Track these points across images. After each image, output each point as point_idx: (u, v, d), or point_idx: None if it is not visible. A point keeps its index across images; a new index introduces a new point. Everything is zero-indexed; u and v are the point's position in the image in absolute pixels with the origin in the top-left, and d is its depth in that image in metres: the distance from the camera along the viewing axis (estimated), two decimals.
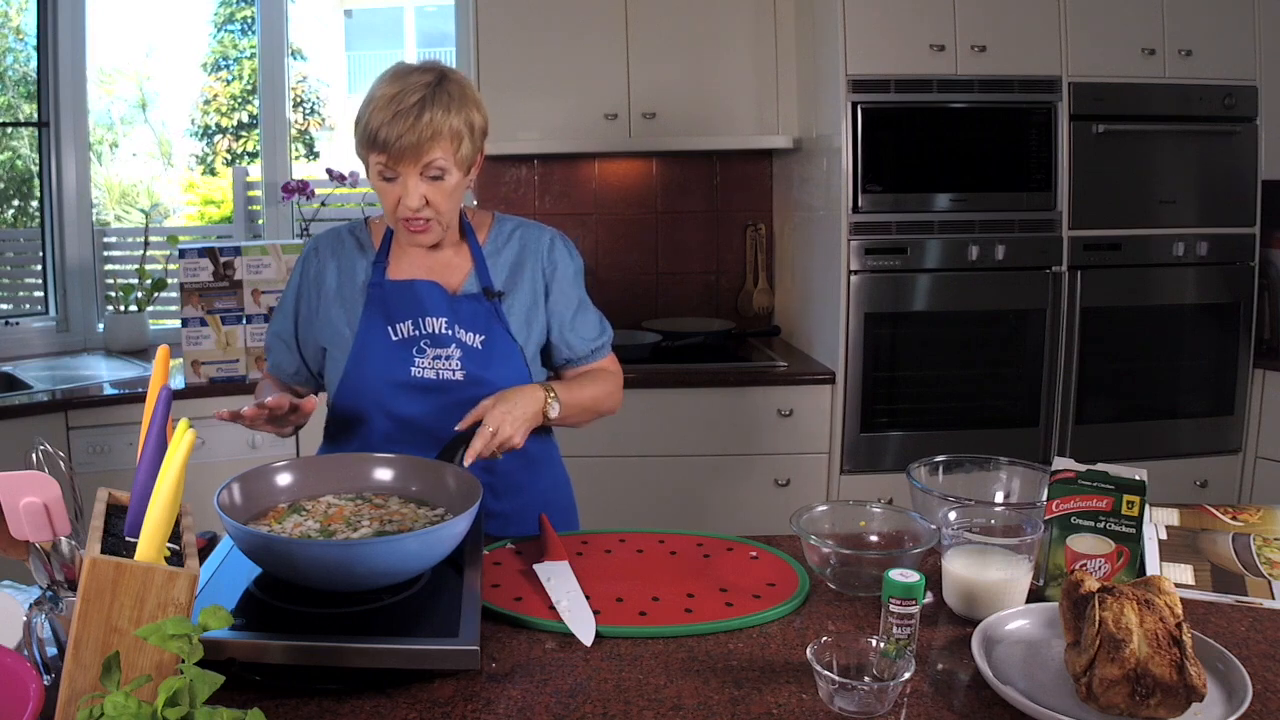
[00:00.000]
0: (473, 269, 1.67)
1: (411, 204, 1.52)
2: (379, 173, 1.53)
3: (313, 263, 1.70)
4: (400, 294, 1.63)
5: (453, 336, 1.61)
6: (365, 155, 1.54)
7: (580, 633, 1.22)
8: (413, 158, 1.49)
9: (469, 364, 1.61)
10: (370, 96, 1.51)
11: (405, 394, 1.61)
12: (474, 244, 1.68)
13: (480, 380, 1.61)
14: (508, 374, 1.63)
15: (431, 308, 1.62)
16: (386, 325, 1.61)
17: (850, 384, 3.00)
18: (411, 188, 1.51)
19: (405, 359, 1.61)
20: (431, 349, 1.61)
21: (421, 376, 1.61)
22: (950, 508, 1.39)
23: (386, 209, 1.57)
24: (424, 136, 1.47)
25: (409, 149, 1.48)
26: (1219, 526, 1.53)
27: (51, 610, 1.10)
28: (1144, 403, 3.14)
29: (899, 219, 2.96)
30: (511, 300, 1.67)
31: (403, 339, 1.61)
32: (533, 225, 1.75)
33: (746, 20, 3.26)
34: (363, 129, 1.51)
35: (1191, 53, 2.99)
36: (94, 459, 2.70)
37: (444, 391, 1.61)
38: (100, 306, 3.49)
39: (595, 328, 1.75)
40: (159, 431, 1.03)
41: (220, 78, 6.46)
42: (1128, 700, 1.01)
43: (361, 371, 1.62)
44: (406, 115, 1.47)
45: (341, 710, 1.06)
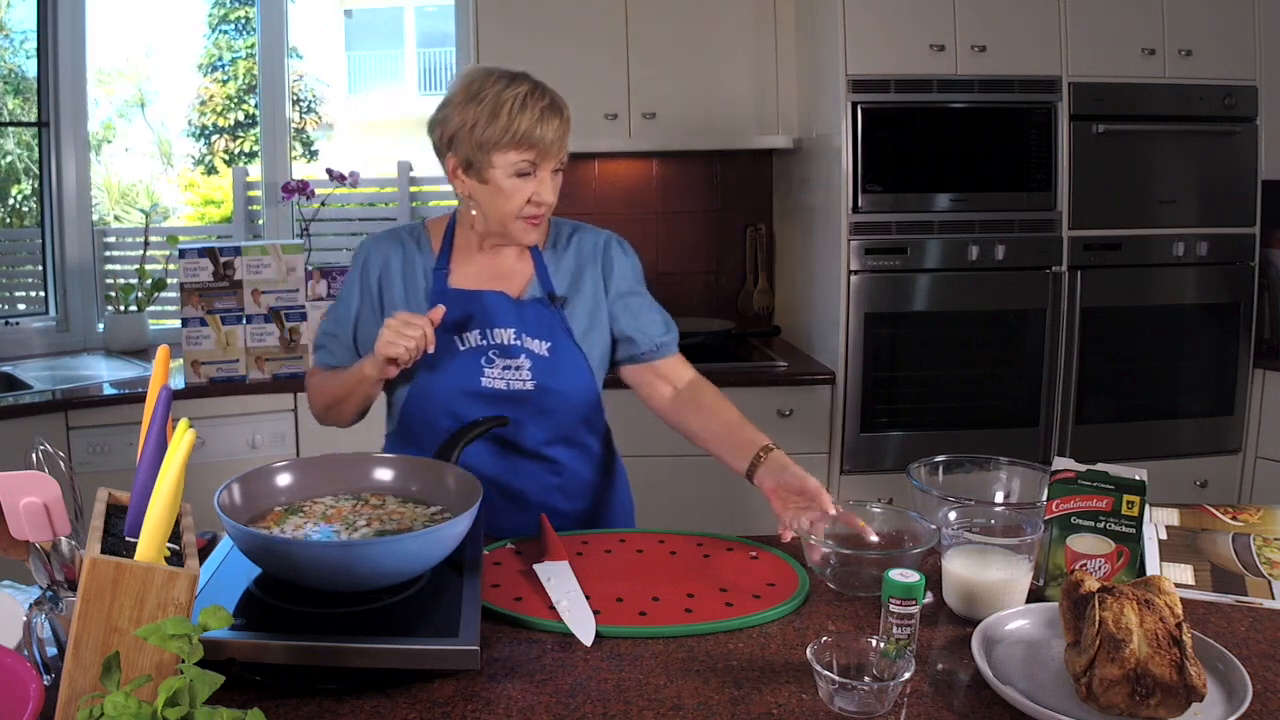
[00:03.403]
0: (534, 274, 1.68)
1: (550, 198, 1.59)
2: (517, 170, 1.55)
3: (374, 264, 1.69)
4: (467, 303, 1.64)
5: (521, 347, 1.63)
6: (490, 156, 1.55)
7: (580, 633, 1.22)
8: (555, 154, 1.57)
9: (538, 374, 1.63)
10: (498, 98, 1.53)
11: (476, 403, 1.62)
12: (534, 249, 1.69)
13: (549, 389, 1.63)
14: (575, 382, 1.65)
15: (499, 318, 1.63)
16: (454, 335, 1.62)
17: (850, 384, 3.00)
18: (549, 182, 1.58)
19: (475, 369, 1.62)
20: (500, 359, 1.62)
21: (492, 387, 1.62)
22: (950, 508, 1.39)
23: (510, 208, 1.58)
24: (564, 133, 1.57)
25: (554, 145, 1.55)
26: (1219, 526, 1.53)
27: (51, 610, 1.10)
28: (1144, 403, 3.14)
29: (899, 219, 2.96)
30: (574, 306, 1.68)
31: (470, 348, 1.62)
32: (588, 228, 1.76)
33: (746, 20, 3.26)
34: (490, 130, 1.53)
35: (1191, 53, 2.99)
36: (94, 459, 2.70)
37: (514, 401, 1.62)
38: (100, 306, 3.49)
39: (660, 324, 1.75)
40: (159, 431, 1.02)
41: (215, 78, 6.46)
42: (1128, 700, 1.01)
43: (432, 380, 1.63)
44: (551, 114, 1.55)
45: (341, 710, 1.05)
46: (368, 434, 2.90)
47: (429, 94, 7.85)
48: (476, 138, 1.54)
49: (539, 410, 1.63)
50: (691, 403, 1.71)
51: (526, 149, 1.54)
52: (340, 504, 1.36)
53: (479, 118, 1.54)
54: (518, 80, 1.55)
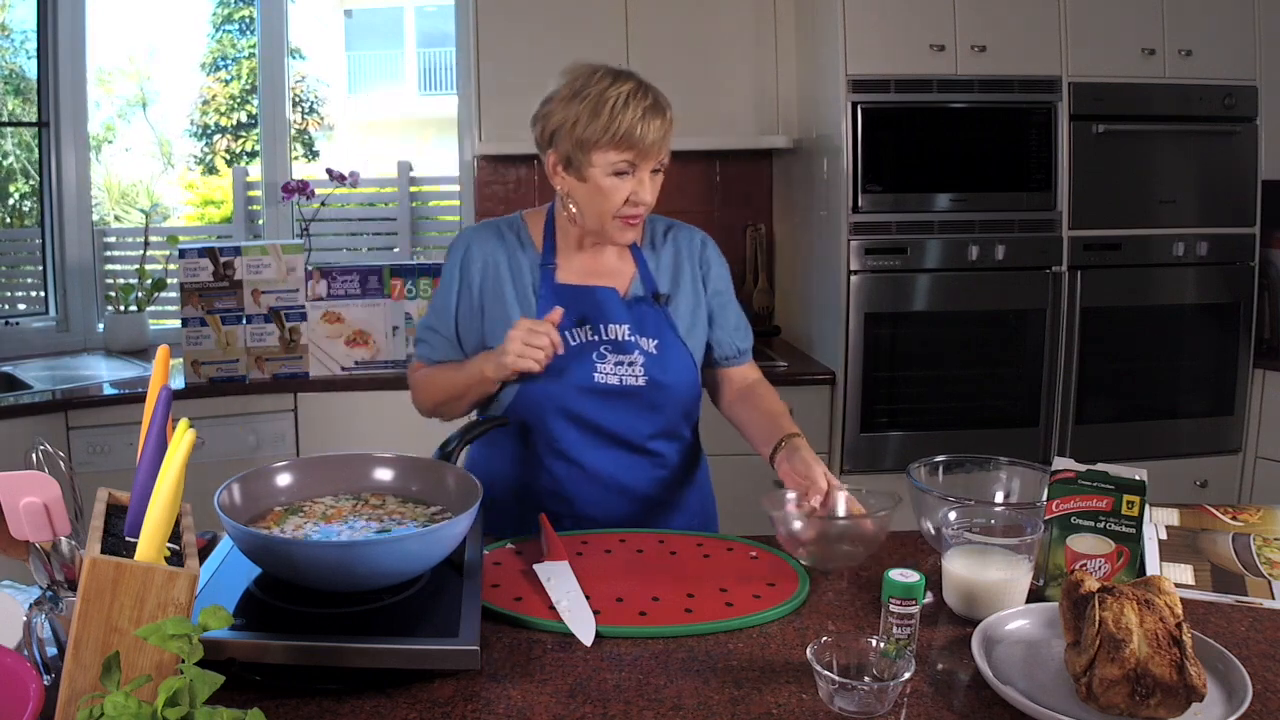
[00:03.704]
0: (636, 272, 1.69)
1: (649, 198, 1.57)
2: (615, 170, 1.54)
3: (475, 257, 1.68)
4: (578, 299, 1.64)
5: (635, 343, 1.63)
6: (589, 154, 1.54)
7: (580, 633, 1.22)
8: (655, 153, 1.55)
9: (650, 370, 1.63)
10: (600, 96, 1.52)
11: (588, 399, 1.62)
12: (634, 246, 1.69)
13: (660, 385, 1.64)
14: (682, 379, 1.67)
15: (612, 314, 1.64)
16: (565, 331, 1.60)
17: (850, 384, 3.00)
18: (649, 182, 1.57)
19: (587, 365, 1.62)
20: (613, 355, 1.62)
21: (605, 382, 1.62)
22: (950, 508, 1.39)
23: (607, 207, 1.57)
24: (667, 133, 1.55)
25: (654, 145, 1.54)
26: (1219, 526, 1.53)
27: (51, 610, 1.10)
28: (1144, 403, 3.14)
29: (899, 219, 2.96)
30: (677, 303, 1.69)
31: (581, 344, 1.62)
32: (682, 226, 1.77)
33: (746, 20, 3.26)
34: (588, 128, 1.52)
35: (1191, 53, 2.99)
36: (94, 459, 2.70)
37: (626, 397, 1.63)
38: (100, 306, 3.49)
39: (745, 332, 1.78)
40: (159, 431, 1.02)
41: (219, 78, 6.46)
42: (1128, 700, 1.01)
43: (551, 375, 1.59)
44: (653, 114, 1.53)
45: (341, 710, 1.06)
46: (369, 434, 2.92)
47: (429, 94, 7.85)
48: (577, 135, 1.53)
49: (649, 406, 1.64)
50: (748, 399, 1.75)
51: (626, 148, 1.53)
52: (340, 504, 1.36)
53: (580, 115, 1.53)
54: (622, 78, 1.54)
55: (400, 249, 3.72)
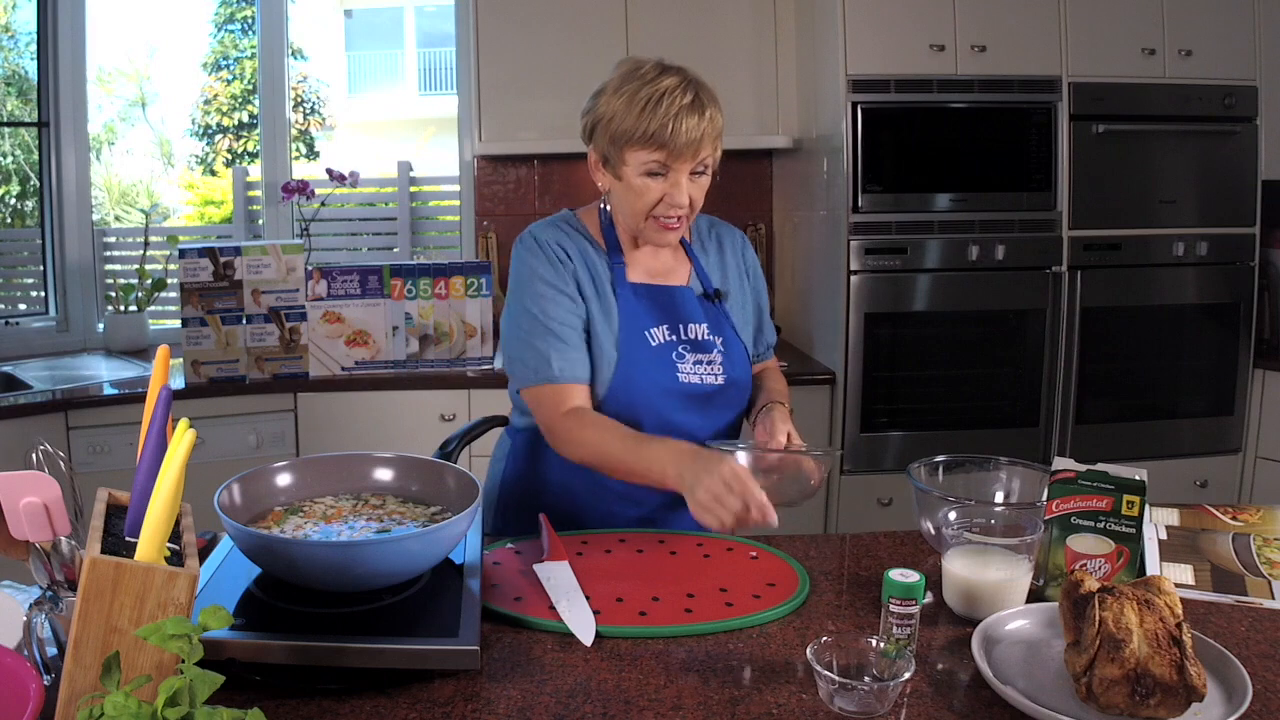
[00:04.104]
0: (691, 270, 1.68)
1: (683, 201, 1.52)
2: (648, 170, 1.51)
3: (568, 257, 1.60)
4: (654, 297, 1.61)
5: (713, 342, 1.63)
6: (622, 153, 1.52)
7: (580, 633, 1.22)
8: (691, 154, 1.49)
9: (729, 368, 1.63)
10: (637, 92, 1.48)
11: (674, 401, 1.60)
12: (685, 243, 1.69)
13: (734, 382, 1.64)
14: (744, 375, 1.68)
15: (692, 313, 1.62)
16: (643, 330, 1.59)
17: (850, 384, 3.00)
18: (684, 184, 1.52)
19: (669, 365, 1.59)
20: (692, 354, 1.60)
21: (687, 383, 1.60)
22: (950, 508, 1.39)
23: (639, 207, 1.54)
24: (706, 133, 1.49)
25: (690, 145, 1.48)
26: (1219, 526, 1.53)
27: (51, 610, 1.10)
28: (1144, 403, 3.14)
29: (899, 219, 2.96)
30: (731, 301, 1.70)
31: (661, 343, 1.60)
32: (721, 223, 1.78)
33: (746, 20, 3.26)
34: (622, 126, 1.49)
35: (1191, 53, 2.99)
36: (94, 459, 2.70)
37: (706, 397, 1.61)
38: (100, 306, 3.49)
39: (771, 328, 1.81)
40: (159, 431, 1.02)
41: (220, 77, 6.46)
42: (1128, 700, 1.01)
43: (632, 378, 1.57)
44: (689, 113, 1.47)
45: (341, 710, 1.06)
46: (369, 434, 2.92)
47: (429, 94, 7.85)
48: (612, 131, 1.51)
49: (723, 404, 1.63)
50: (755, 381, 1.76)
51: (657, 147, 1.48)
52: (340, 504, 1.36)
53: (616, 110, 1.50)
54: (666, 74, 1.50)
55: (400, 249, 3.72)
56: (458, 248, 3.70)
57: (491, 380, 2.95)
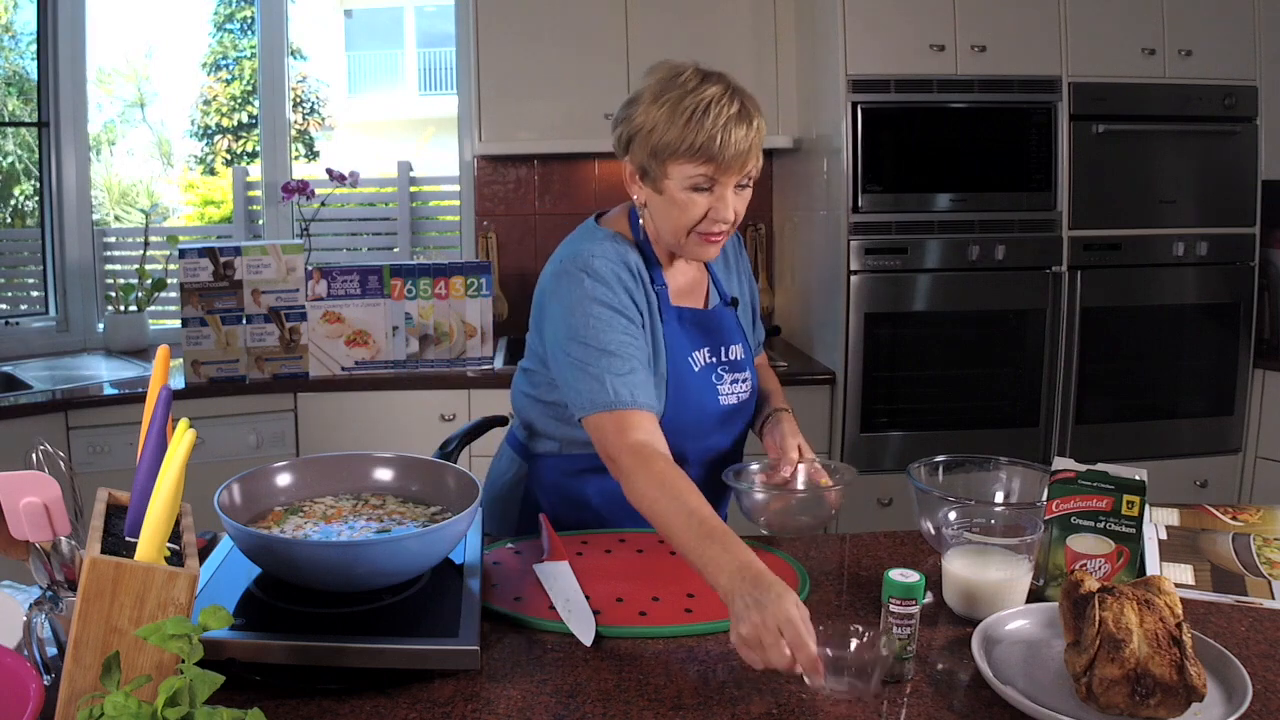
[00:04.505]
0: (709, 282, 1.67)
1: (729, 215, 1.44)
2: (693, 184, 1.42)
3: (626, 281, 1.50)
4: (698, 322, 1.59)
5: (746, 361, 1.62)
6: (665, 166, 1.42)
7: (580, 633, 1.22)
8: (739, 167, 1.41)
9: (754, 382, 1.64)
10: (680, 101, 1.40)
11: (715, 423, 1.59)
12: None
13: (755, 394, 1.65)
14: (755, 384, 1.68)
15: (731, 335, 1.62)
16: (687, 355, 1.56)
17: (850, 384, 3.00)
18: (730, 198, 1.43)
19: (711, 389, 1.57)
20: (729, 375, 1.60)
21: (727, 404, 1.59)
22: (950, 508, 1.39)
23: (683, 222, 1.45)
24: (754, 144, 1.42)
25: (738, 157, 1.40)
26: (1219, 526, 1.53)
27: (51, 610, 1.10)
28: (1144, 403, 3.14)
29: (899, 219, 2.96)
30: (741, 309, 1.70)
31: (703, 367, 1.57)
32: None
33: (746, 20, 3.26)
34: (665, 137, 1.40)
35: (1191, 53, 2.99)
36: (94, 459, 2.70)
37: (739, 415, 1.62)
38: (100, 306, 3.49)
39: (761, 324, 1.80)
40: (159, 431, 1.02)
41: (220, 78, 6.46)
42: (1128, 700, 1.01)
43: (680, 405, 1.52)
44: (738, 123, 1.39)
45: (341, 710, 1.06)
46: (369, 434, 2.91)
47: (429, 94, 7.85)
48: (653, 143, 1.42)
49: (746, 417, 1.64)
50: None
51: (705, 161, 1.39)
52: (340, 504, 1.36)
53: (658, 121, 1.41)
54: (708, 82, 1.41)
55: (400, 249, 3.72)
56: (458, 248, 3.70)
57: (491, 380, 2.95)
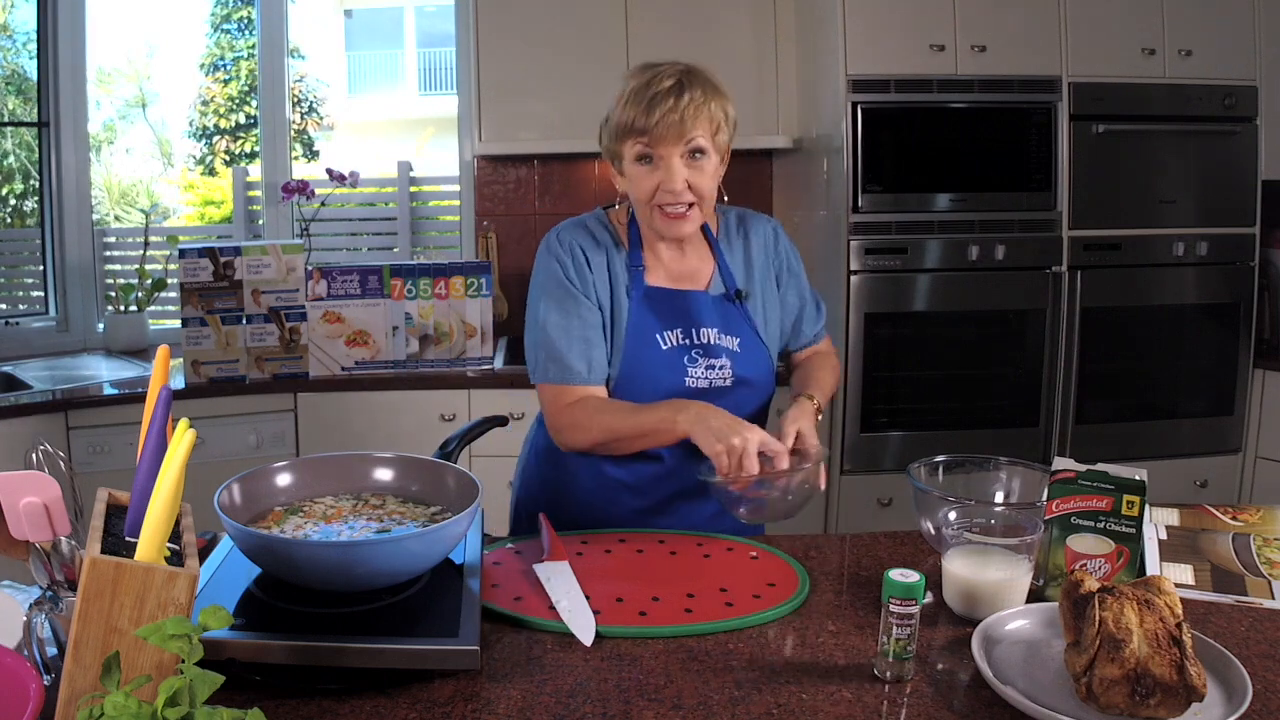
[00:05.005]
0: (715, 269, 1.68)
1: (675, 185, 1.52)
2: (637, 155, 1.54)
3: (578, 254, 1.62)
4: (670, 302, 1.63)
5: (722, 346, 1.64)
6: (619, 147, 1.57)
7: (580, 633, 1.22)
8: (675, 136, 1.50)
9: (736, 369, 1.64)
10: (620, 92, 1.56)
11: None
12: (713, 241, 1.70)
13: (743, 381, 1.65)
14: (761, 374, 1.68)
15: (703, 317, 1.64)
16: (655, 333, 1.61)
17: (850, 384, 2.99)
18: (675, 169, 1.52)
19: (679, 368, 1.61)
20: (704, 358, 1.62)
21: (695, 386, 1.61)
22: (950, 508, 1.39)
23: (642, 197, 1.56)
24: (686, 114, 1.50)
25: (672, 127, 1.50)
26: (1219, 526, 1.53)
27: (51, 610, 1.10)
28: (1144, 403, 3.14)
29: (899, 219, 2.96)
30: (755, 300, 1.70)
31: (672, 347, 1.61)
32: (751, 215, 1.76)
33: (746, 20, 3.26)
34: (615, 121, 1.55)
35: (1191, 53, 2.99)
36: (94, 459, 2.70)
37: (713, 398, 1.61)
38: (100, 306, 3.49)
39: (815, 310, 1.79)
40: (159, 431, 1.02)
41: (217, 78, 6.46)
42: (1128, 700, 1.01)
43: (635, 379, 1.60)
44: (667, 97, 1.50)
45: (341, 710, 1.06)
46: (369, 434, 2.91)
47: (429, 94, 7.85)
48: (609, 130, 1.58)
49: (733, 405, 1.60)
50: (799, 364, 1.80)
51: (639, 133, 1.52)
52: (340, 504, 1.36)
53: (614, 110, 1.56)
54: (652, 67, 1.55)
55: (400, 249, 3.72)
56: (458, 248, 3.70)
57: (491, 380, 2.95)
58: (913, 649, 1.14)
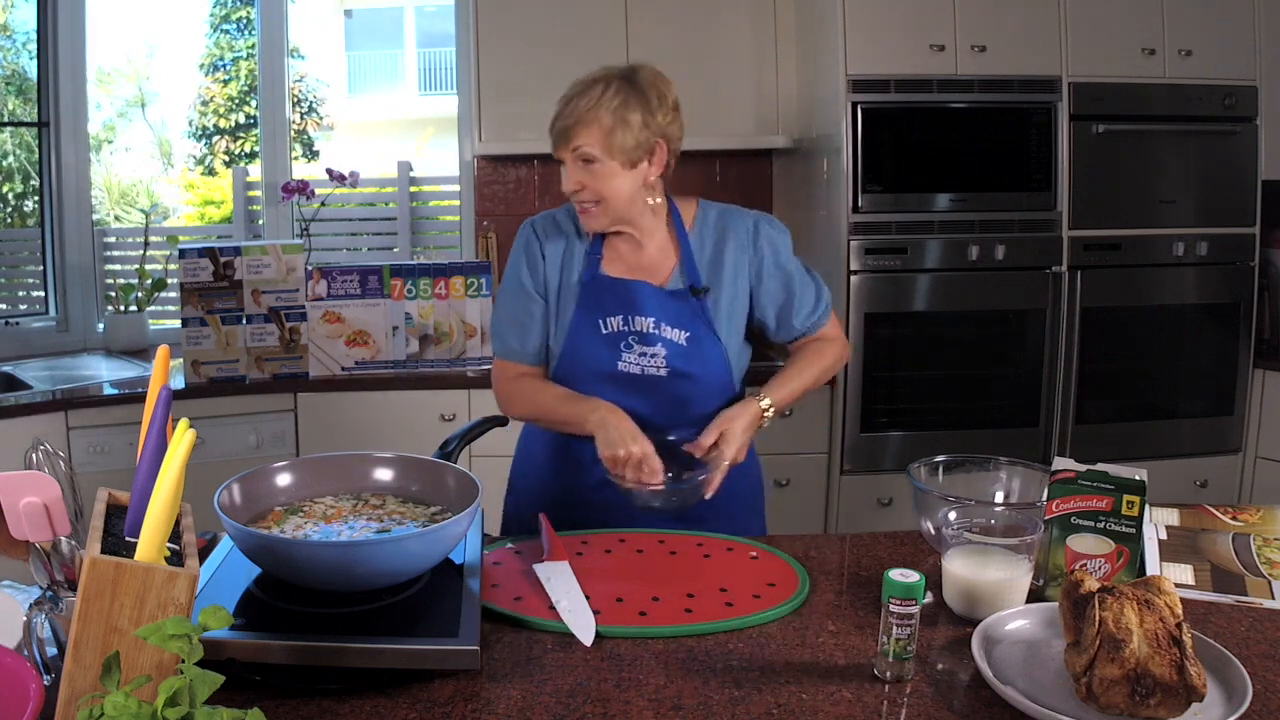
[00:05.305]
0: (679, 263, 1.71)
1: (566, 187, 1.63)
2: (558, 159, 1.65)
3: (535, 246, 1.74)
4: (614, 290, 1.70)
5: (659, 335, 1.68)
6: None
7: (580, 633, 1.22)
8: (564, 142, 1.61)
9: (674, 360, 1.68)
10: None
11: (612, 386, 1.68)
12: (682, 236, 1.72)
13: (684, 374, 1.68)
14: (709, 370, 1.70)
15: (641, 306, 1.68)
16: (598, 318, 1.69)
17: (850, 384, 2.99)
18: (567, 172, 1.63)
19: (613, 353, 1.68)
20: (639, 345, 1.68)
21: (627, 371, 1.68)
22: (950, 508, 1.39)
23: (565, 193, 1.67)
24: (569, 123, 1.59)
25: (561, 134, 1.61)
26: (1219, 526, 1.53)
27: (51, 610, 1.10)
28: (1144, 403, 3.14)
29: (899, 219, 2.96)
30: (716, 296, 1.70)
31: (612, 332, 1.69)
32: (734, 212, 1.77)
33: (746, 21, 3.26)
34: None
35: (1191, 53, 2.99)
36: (94, 459, 2.70)
37: (649, 385, 1.68)
38: (100, 306, 3.49)
39: (811, 299, 1.77)
40: (159, 431, 1.02)
41: (217, 78, 6.45)
42: (1128, 700, 1.01)
43: (572, 361, 1.70)
44: (566, 104, 1.61)
45: (341, 710, 1.06)
46: (369, 434, 2.91)
47: (429, 94, 7.84)
48: None
49: (672, 396, 1.68)
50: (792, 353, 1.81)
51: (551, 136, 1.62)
52: (340, 504, 1.36)
53: None
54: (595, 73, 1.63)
55: (400, 249, 3.72)
56: (458, 248, 3.69)
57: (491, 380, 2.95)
58: (913, 649, 1.14)
